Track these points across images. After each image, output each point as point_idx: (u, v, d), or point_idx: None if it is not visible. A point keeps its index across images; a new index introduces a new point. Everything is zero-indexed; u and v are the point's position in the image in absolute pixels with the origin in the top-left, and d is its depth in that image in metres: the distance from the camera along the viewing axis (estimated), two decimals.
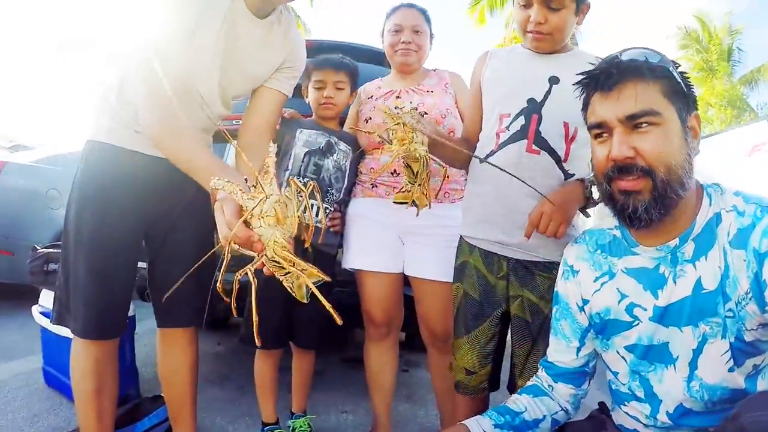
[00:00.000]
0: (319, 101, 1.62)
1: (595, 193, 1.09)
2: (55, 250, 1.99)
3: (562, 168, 1.17)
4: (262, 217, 0.78)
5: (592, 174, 0.96)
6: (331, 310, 0.77)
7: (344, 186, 1.63)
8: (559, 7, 1.14)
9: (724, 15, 15.58)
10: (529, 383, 1.08)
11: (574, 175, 1.18)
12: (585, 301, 1.00)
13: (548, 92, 1.20)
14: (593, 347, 1.03)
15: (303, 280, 0.85)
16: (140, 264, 1.37)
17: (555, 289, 1.08)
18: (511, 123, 1.21)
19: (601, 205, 1.03)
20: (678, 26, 16.12)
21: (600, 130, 0.88)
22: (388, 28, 1.64)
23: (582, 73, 0.92)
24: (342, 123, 1.75)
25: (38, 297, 2.15)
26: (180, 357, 1.40)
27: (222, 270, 0.82)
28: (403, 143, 1.04)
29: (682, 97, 0.84)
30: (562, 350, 1.05)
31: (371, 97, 1.69)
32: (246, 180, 0.87)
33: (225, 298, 0.86)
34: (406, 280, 1.62)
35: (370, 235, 1.58)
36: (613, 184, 0.86)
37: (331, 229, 1.61)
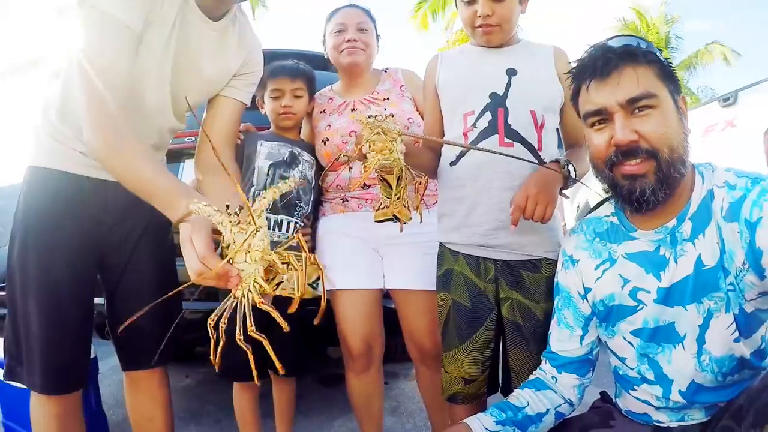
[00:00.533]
0: (278, 111, 1.53)
1: (572, 172, 1.11)
2: (2, 293, 1.82)
3: (538, 157, 1.16)
4: (248, 252, 0.71)
5: (591, 162, 0.95)
6: (278, 318, 0.74)
7: (312, 198, 1.55)
8: None
9: (660, 5, 16.27)
10: (531, 377, 1.08)
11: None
12: (587, 290, 1.00)
13: (509, 84, 1.19)
14: (596, 335, 1.03)
15: (301, 281, 0.78)
16: (96, 300, 1.24)
17: (555, 281, 1.08)
18: (477, 120, 1.19)
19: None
20: (617, 18, 16.77)
21: (598, 117, 0.88)
22: (330, 29, 1.55)
23: (574, 62, 0.95)
24: (300, 131, 1.66)
25: None
26: (152, 402, 1.27)
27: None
28: (383, 153, 0.98)
29: (671, 79, 0.87)
30: (565, 339, 1.04)
31: (323, 111, 1.59)
32: (227, 206, 0.75)
33: (246, 349, 0.81)
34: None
35: (345, 251, 1.47)
36: (615, 170, 0.87)
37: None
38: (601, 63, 0.87)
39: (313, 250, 1.53)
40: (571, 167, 1.11)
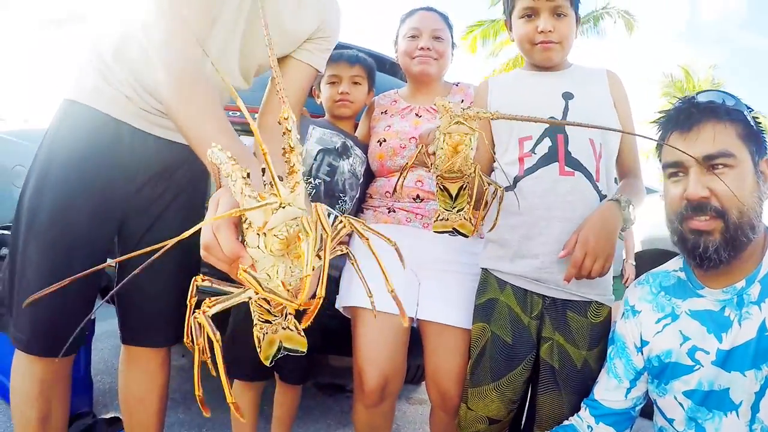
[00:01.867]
0: (334, 98, 1.45)
1: (631, 214, 1.07)
2: (8, 233, 1.72)
3: (596, 188, 1.13)
4: (264, 234, 0.51)
5: (665, 213, 0.95)
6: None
7: (357, 195, 1.44)
8: (565, 14, 1.15)
9: (708, 68, 16.22)
10: (566, 422, 1.05)
11: (606, 196, 1.13)
12: (644, 343, 1.00)
13: (566, 109, 1.16)
14: (643, 391, 1.02)
15: (279, 336, 0.65)
16: (109, 260, 1.14)
17: (612, 330, 1.08)
18: (535, 146, 1.14)
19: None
20: (664, 73, 16.65)
21: (676, 168, 0.91)
22: (404, 33, 1.46)
23: (659, 112, 0.97)
24: (356, 128, 1.57)
25: None
26: (148, 383, 1.16)
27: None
28: (456, 150, 0.87)
29: (755, 140, 0.88)
30: (611, 389, 1.03)
31: (385, 112, 1.48)
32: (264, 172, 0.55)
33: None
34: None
35: (375, 265, 1.30)
36: (684, 224, 0.89)
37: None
38: (684, 116, 0.90)
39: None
40: (631, 208, 1.07)
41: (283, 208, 0.49)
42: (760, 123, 0.91)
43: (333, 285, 1.40)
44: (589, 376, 1.09)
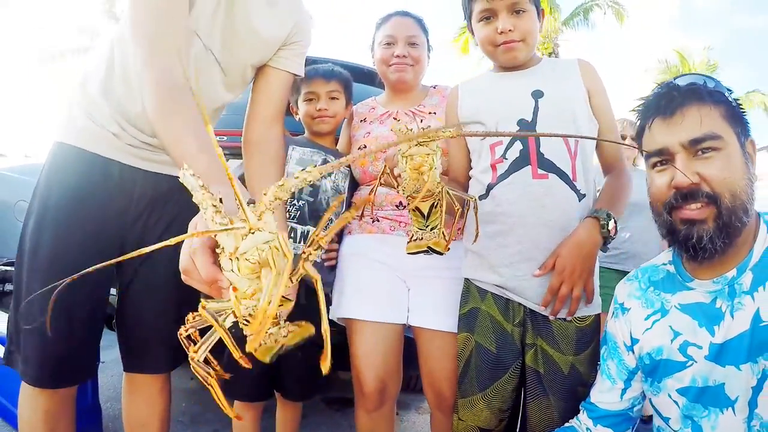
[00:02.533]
0: (312, 115, 1.46)
1: (612, 228, 1.04)
2: (11, 269, 1.77)
3: (574, 188, 1.08)
4: (236, 259, 0.51)
5: (650, 205, 0.91)
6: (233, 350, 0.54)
7: (341, 212, 1.46)
8: (524, 10, 1.12)
9: (703, 50, 16.11)
10: (567, 424, 1.03)
11: (585, 195, 1.09)
12: (634, 341, 0.96)
13: (536, 108, 1.12)
14: (639, 390, 0.98)
15: (279, 343, 0.65)
16: (112, 290, 1.18)
17: (604, 329, 1.04)
18: (506, 151, 1.11)
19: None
20: (659, 60, 16.58)
21: (660, 157, 0.86)
22: (379, 40, 1.46)
23: (639, 99, 0.92)
24: (337, 142, 1.58)
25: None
26: (150, 408, 1.20)
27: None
28: (419, 172, 0.86)
29: (739, 121, 0.84)
30: (606, 391, 1.00)
31: (364, 120, 1.50)
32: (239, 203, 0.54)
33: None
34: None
35: (370, 277, 1.33)
36: (674, 214, 0.84)
37: (326, 264, 1.41)
38: (665, 101, 0.85)
39: (334, 268, 1.43)
40: (611, 223, 1.03)
41: (253, 233, 0.49)
42: (741, 105, 0.88)
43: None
44: (579, 381, 1.06)
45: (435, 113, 1.42)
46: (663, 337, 0.90)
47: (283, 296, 0.52)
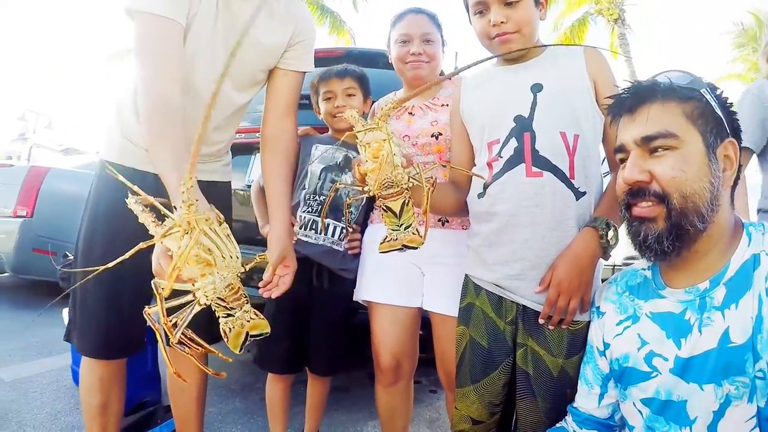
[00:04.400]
0: (331, 112, 1.55)
1: (612, 238, 1.00)
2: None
3: (571, 186, 1.04)
4: (185, 256, 0.67)
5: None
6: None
7: (362, 204, 1.55)
8: (517, 0, 1.07)
9: None
10: (558, 425, 1.02)
11: (585, 193, 1.05)
12: (606, 345, 0.94)
13: (534, 103, 1.08)
14: (616, 397, 0.94)
15: (245, 328, 0.79)
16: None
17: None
18: (502, 149, 1.09)
19: None
20: (734, 22, 15.17)
21: (621, 154, 0.85)
22: (395, 38, 1.50)
23: (610, 97, 0.90)
24: None
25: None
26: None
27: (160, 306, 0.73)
28: (377, 156, 0.88)
29: (712, 121, 0.79)
30: (584, 395, 0.99)
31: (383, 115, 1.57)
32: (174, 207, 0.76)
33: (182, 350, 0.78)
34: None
35: (387, 264, 1.42)
36: (630, 211, 0.83)
37: (349, 252, 1.53)
38: (630, 99, 0.84)
39: (357, 256, 1.54)
40: (611, 232, 1.00)
41: (188, 233, 0.68)
42: (728, 103, 0.83)
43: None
44: (568, 385, 1.03)
45: (446, 105, 1.45)
46: (631, 345, 0.88)
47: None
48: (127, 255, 0.71)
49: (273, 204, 1.28)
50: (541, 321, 1.03)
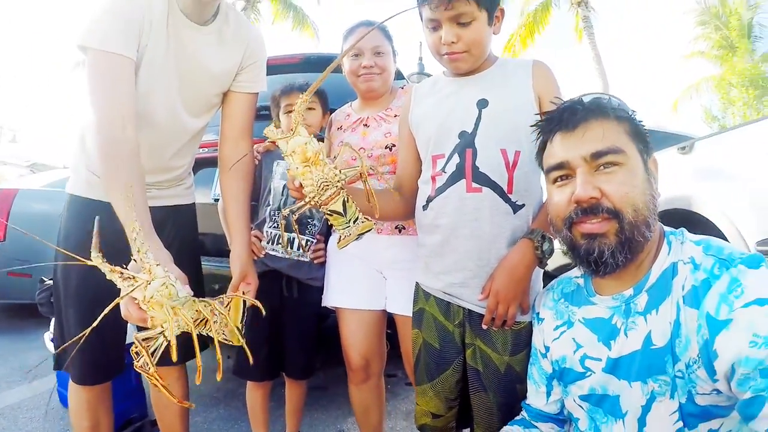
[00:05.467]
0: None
1: (547, 249, 1.06)
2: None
3: (509, 201, 1.10)
4: (149, 303, 0.80)
5: (550, 221, 0.91)
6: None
7: (323, 217, 1.63)
8: (469, 21, 1.07)
9: None
10: (517, 418, 1.09)
11: (523, 205, 1.10)
12: (547, 349, 1.00)
13: (479, 119, 1.11)
14: (561, 394, 1.01)
15: (230, 326, 0.90)
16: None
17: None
18: (446, 164, 1.13)
19: None
20: (697, 1, 15.47)
21: (561, 171, 0.85)
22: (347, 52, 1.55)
23: (540, 114, 0.93)
24: None
25: (49, 322, 2.25)
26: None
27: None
28: (308, 159, 0.93)
29: (642, 139, 0.84)
30: (533, 394, 1.05)
31: (340, 127, 1.62)
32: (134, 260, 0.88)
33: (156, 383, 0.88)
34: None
35: (350, 270, 1.52)
36: (574, 229, 0.83)
37: (315, 262, 1.61)
38: (568, 114, 0.84)
39: (323, 265, 1.62)
40: (546, 244, 1.06)
41: (149, 283, 0.80)
42: (643, 123, 0.87)
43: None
44: (516, 380, 1.10)
45: (399, 116, 1.47)
46: (567, 348, 0.93)
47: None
48: (106, 311, 0.83)
49: (232, 226, 1.34)
50: (484, 326, 1.11)
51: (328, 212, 0.99)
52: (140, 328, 1.41)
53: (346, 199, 0.98)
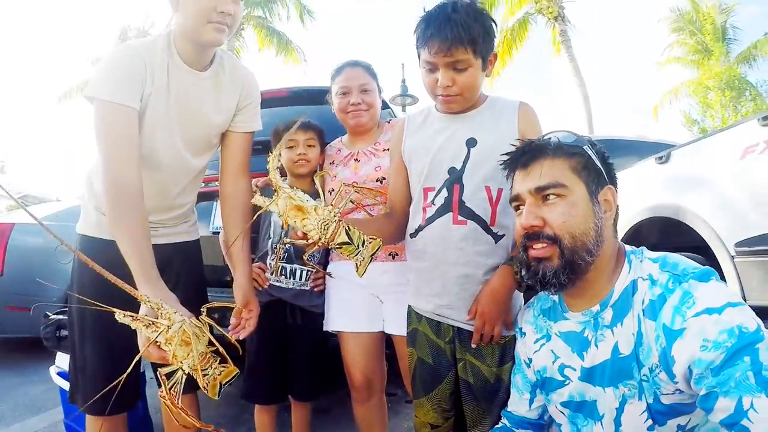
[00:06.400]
0: (293, 159, 1.71)
1: (525, 271, 1.13)
2: (66, 317, 2.11)
3: (489, 231, 1.20)
4: (169, 342, 0.92)
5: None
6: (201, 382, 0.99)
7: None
8: (465, 67, 1.15)
9: None
10: (497, 426, 1.17)
11: (504, 235, 1.21)
12: (529, 360, 1.09)
13: (467, 157, 1.22)
14: (543, 401, 1.09)
15: (219, 380, 1.01)
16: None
17: (515, 349, 1.17)
18: (435, 197, 1.24)
19: None
20: (671, 8, 15.93)
21: (517, 202, 0.98)
22: (335, 90, 1.66)
23: (505, 154, 1.04)
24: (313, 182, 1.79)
25: (55, 356, 2.28)
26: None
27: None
28: (302, 210, 1.00)
29: (594, 172, 0.94)
30: (516, 401, 1.14)
31: (332, 162, 1.73)
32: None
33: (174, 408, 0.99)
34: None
35: (348, 296, 1.61)
36: (527, 253, 0.94)
37: (316, 290, 1.70)
38: (522, 157, 0.98)
39: (322, 292, 1.71)
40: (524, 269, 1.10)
41: (170, 327, 0.93)
42: (606, 155, 0.98)
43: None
44: (504, 389, 1.20)
45: (387, 150, 1.60)
46: (546, 359, 1.03)
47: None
48: (135, 358, 0.98)
49: (234, 258, 1.41)
50: (473, 345, 1.21)
51: (336, 246, 1.04)
52: (155, 365, 1.50)
53: (347, 228, 1.04)
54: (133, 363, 0.94)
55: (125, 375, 0.95)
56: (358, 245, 1.05)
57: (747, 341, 0.72)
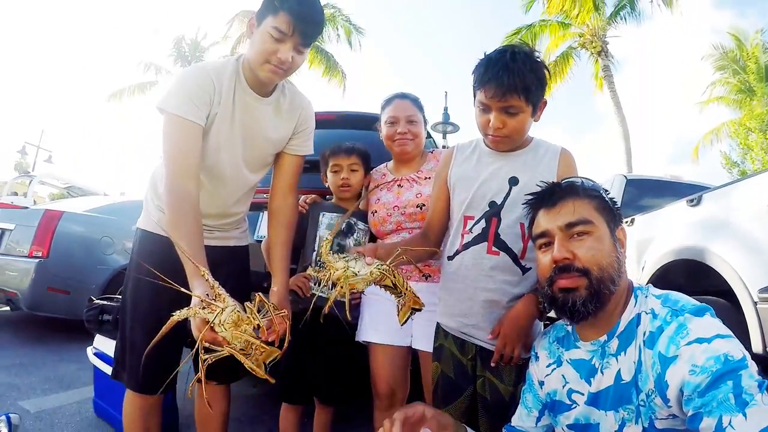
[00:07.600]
0: (338, 184, 1.83)
1: (547, 306, 1.18)
2: (108, 303, 2.27)
3: (519, 264, 1.30)
4: (223, 325, 1.01)
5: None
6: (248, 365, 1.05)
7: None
8: (517, 112, 1.22)
9: (755, 32, 14.89)
10: None
11: (531, 268, 1.29)
12: (541, 383, 1.16)
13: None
14: (549, 421, 1.15)
15: (261, 359, 1.08)
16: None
17: (528, 370, 1.23)
18: (474, 225, 1.33)
19: None
20: (714, 45, 15.58)
21: (544, 239, 1.05)
22: (385, 119, 1.77)
23: (530, 194, 1.13)
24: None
25: (93, 338, 2.45)
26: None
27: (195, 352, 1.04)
28: (353, 286, 1.07)
29: (610, 213, 1.03)
30: (523, 417, 1.18)
31: (378, 186, 1.83)
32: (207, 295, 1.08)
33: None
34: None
35: (381, 310, 1.69)
36: (554, 285, 1.00)
37: (352, 302, 1.77)
38: (548, 196, 1.06)
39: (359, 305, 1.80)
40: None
41: (224, 310, 1.00)
42: (614, 201, 1.07)
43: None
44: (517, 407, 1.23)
45: (429, 178, 1.72)
46: (556, 383, 1.09)
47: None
48: (164, 329, 1.09)
49: (275, 267, 1.50)
50: (492, 364, 1.28)
51: (383, 287, 1.12)
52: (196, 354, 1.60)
53: (392, 280, 1.10)
54: (194, 346, 1.04)
55: (186, 361, 1.05)
56: (402, 291, 1.13)
57: (731, 367, 0.79)
